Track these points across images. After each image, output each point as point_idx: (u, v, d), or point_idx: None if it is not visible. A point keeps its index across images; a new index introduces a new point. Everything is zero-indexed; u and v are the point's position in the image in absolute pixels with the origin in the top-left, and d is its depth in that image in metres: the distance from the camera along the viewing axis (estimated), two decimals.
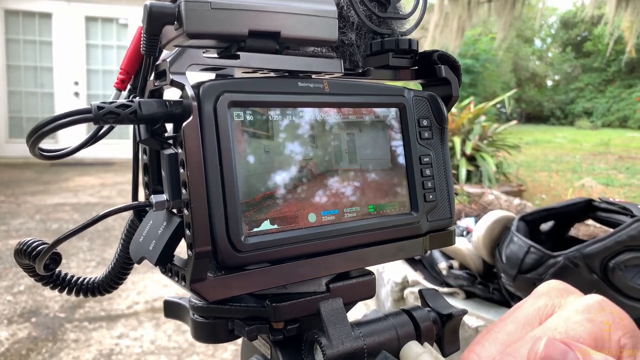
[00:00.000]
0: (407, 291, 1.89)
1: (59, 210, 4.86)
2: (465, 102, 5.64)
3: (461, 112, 5.18)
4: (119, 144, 7.55)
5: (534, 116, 19.37)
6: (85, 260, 3.45)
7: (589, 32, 19.55)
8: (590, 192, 5.56)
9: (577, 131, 14.25)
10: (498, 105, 8.50)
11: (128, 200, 0.41)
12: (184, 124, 0.32)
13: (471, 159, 4.77)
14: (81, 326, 2.50)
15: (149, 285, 2.99)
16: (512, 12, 5.94)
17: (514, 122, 6.37)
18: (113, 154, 7.84)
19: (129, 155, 0.41)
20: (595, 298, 0.29)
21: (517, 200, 2.45)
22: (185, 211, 0.33)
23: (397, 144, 0.43)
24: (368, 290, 0.43)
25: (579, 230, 1.81)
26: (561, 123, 18.31)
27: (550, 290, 0.32)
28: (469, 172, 4.67)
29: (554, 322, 0.28)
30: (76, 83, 8.48)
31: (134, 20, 8.51)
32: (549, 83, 21.89)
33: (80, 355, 2.22)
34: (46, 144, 0.34)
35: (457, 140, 4.75)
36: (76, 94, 8.47)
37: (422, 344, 0.41)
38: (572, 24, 20.85)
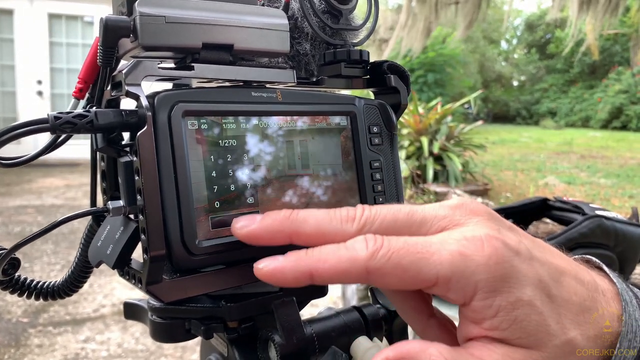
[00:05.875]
0: None
1: (22, 212, 4.74)
2: (433, 102, 5.74)
3: (428, 113, 5.27)
4: (85, 145, 7.36)
5: (500, 116, 19.78)
6: (50, 264, 3.38)
7: (552, 35, 20.08)
8: (553, 190, 5.73)
9: (542, 131, 14.62)
10: (465, 106, 8.66)
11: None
12: (138, 134, 0.34)
13: (438, 159, 4.86)
14: (45, 331, 2.45)
15: (116, 287, 2.95)
16: (477, 12, 6.07)
17: (480, 122, 6.50)
18: (78, 155, 7.64)
19: None
20: (483, 231, 0.28)
21: (479, 200, 2.52)
22: (140, 216, 0.34)
23: (349, 150, 0.46)
24: (320, 289, 0.45)
25: (537, 227, 1.87)
26: (527, 123, 18.75)
27: (460, 207, 0.31)
28: (435, 172, 4.75)
29: (436, 239, 0.28)
30: (39, 82, 8.26)
31: (100, 18, 8.34)
32: (515, 84, 22.39)
33: None
34: (7, 147, 0.35)
35: (424, 140, 4.83)
36: (39, 92, 8.25)
37: (371, 339, 0.44)
38: (536, 26, 21.39)
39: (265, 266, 0.30)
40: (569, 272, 0.31)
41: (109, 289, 2.94)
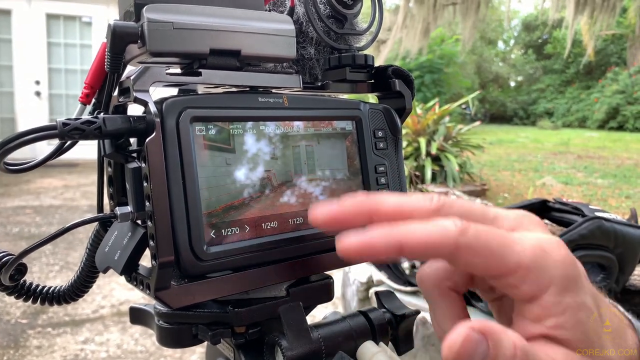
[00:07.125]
0: (372, 291, 1.93)
1: (20, 213, 4.72)
2: (431, 103, 5.74)
3: (426, 114, 5.27)
4: (83, 145, 7.31)
5: (497, 116, 19.80)
6: (49, 265, 3.38)
7: (550, 35, 20.12)
8: (550, 191, 5.74)
9: (539, 131, 14.62)
10: (463, 106, 8.67)
11: (93, 202, 0.42)
12: (147, 140, 0.34)
13: (436, 159, 4.86)
14: (44, 332, 2.44)
15: (115, 289, 2.95)
16: (477, 14, 6.08)
17: (478, 122, 6.51)
18: (77, 155, 7.60)
19: (93, 156, 0.42)
20: (554, 238, 0.30)
21: (478, 201, 2.52)
22: (149, 223, 0.34)
23: (354, 154, 0.46)
24: (326, 294, 0.45)
25: None
26: (524, 123, 18.75)
27: (527, 216, 0.32)
28: (433, 172, 4.75)
29: (515, 233, 0.29)
30: (37, 82, 8.24)
31: (98, 18, 8.33)
32: (512, 84, 22.42)
33: None
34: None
35: (422, 141, 4.83)
36: (37, 93, 8.23)
37: (377, 343, 0.44)
38: (533, 27, 21.42)
39: (353, 240, 0.28)
40: (604, 298, 0.32)
41: (108, 289, 2.94)
